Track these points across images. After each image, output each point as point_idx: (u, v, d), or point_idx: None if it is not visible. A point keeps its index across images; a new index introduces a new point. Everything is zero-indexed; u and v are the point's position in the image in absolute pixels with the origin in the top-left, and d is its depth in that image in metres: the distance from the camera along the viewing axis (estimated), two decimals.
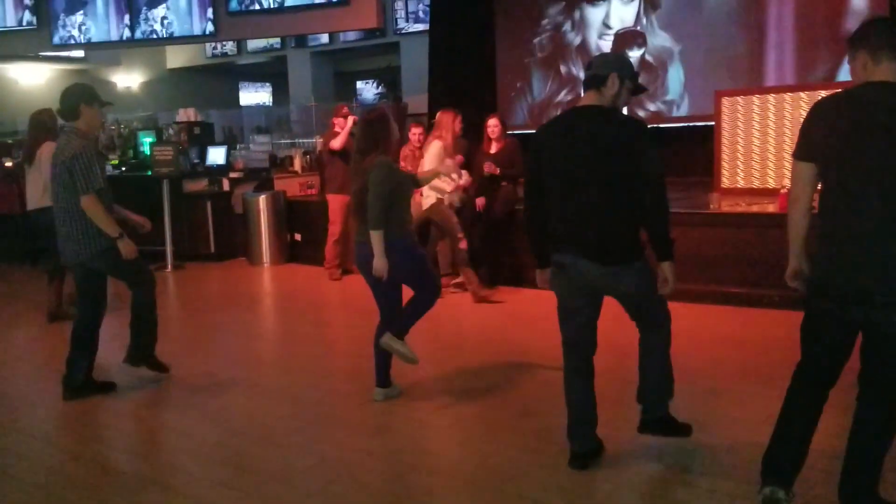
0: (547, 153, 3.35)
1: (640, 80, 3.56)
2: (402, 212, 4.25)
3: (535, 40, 11.21)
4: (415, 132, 8.16)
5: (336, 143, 7.96)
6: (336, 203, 8.05)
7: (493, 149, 7.48)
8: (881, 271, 2.67)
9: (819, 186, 2.84)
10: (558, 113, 3.86)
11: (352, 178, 4.40)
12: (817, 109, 2.82)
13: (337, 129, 8.08)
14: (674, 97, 9.91)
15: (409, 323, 4.34)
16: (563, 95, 10.91)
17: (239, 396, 4.62)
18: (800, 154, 2.83)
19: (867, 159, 2.66)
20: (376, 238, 4.10)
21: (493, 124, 7.45)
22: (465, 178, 6.66)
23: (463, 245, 6.87)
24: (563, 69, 10.97)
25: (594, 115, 3.30)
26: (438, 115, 7.11)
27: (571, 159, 3.26)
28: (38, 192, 6.37)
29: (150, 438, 4.26)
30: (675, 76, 9.84)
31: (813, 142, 2.78)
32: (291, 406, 4.44)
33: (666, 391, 3.55)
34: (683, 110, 9.78)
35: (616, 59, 3.47)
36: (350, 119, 8.09)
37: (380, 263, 4.13)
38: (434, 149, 6.74)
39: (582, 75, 3.64)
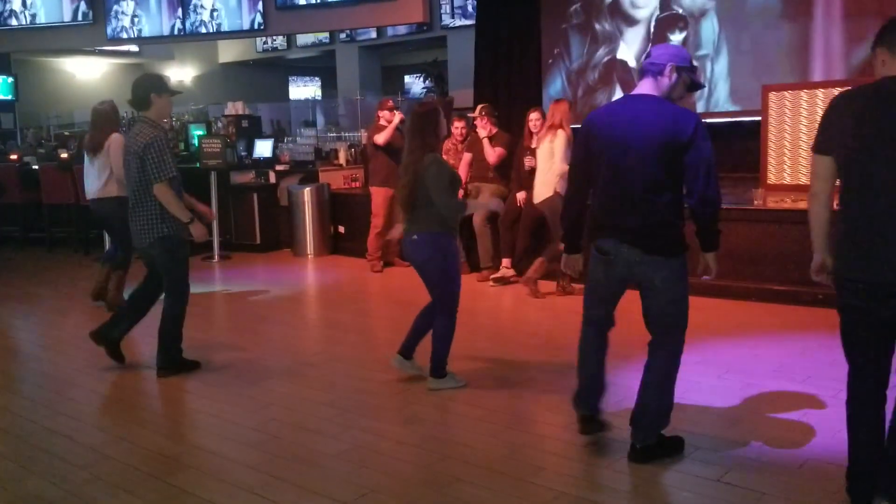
0: (597, 140, 3.37)
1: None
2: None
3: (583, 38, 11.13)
4: (457, 126, 8.20)
5: (380, 139, 8.03)
6: (379, 196, 8.12)
7: (535, 143, 7.47)
8: None
9: (838, 181, 2.82)
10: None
11: (402, 171, 4.45)
12: (837, 104, 2.81)
13: (382, 122, 8.15)
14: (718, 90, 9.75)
15: (442, 356, 4.43)
16: (612, 97, 10.81)
17: (277, 383, 4.70)
18: (819, 148, 2.83)
19: (892, 151, 2.64)
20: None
21: (534, 118, 7.43)
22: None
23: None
24: (614, 67, 10.88)
25: (647, 103, 3.30)
26: (552, 105, 7.04)
27: (623, 146, 3.26)
28: (99, 183, 6.56)
29: (188, 422, 4.37)
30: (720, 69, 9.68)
31: (832, 136, 2.78)
32: (328, 394, 4.51)
33: (662, 418, 3.45)
34: (728, 104, 9.61)
35: (676, 50, 3.43)
36: (397, 114, 8.15)
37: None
38: (561, 141, 6.72)
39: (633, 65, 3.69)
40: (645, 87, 3.35)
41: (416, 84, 20.61)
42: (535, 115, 7.49)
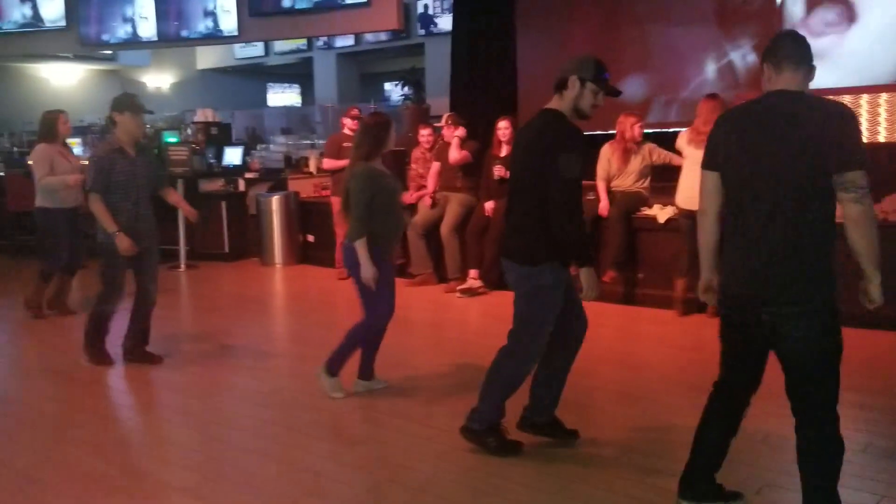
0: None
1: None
2: (379, 222, 4.20)
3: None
4: (423, 134, 8.08)
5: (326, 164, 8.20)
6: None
7: (504, 152, 7.34)
8: (775, 279, 2.64)
9: None
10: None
11: (345, 177, 4.40)
12: (724, 118, 2.87)
13: (346, 130, 8.03)
14: None
15: (343, 358, 4.45)
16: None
17: (224, 399, 4.55)
18: (706, 163, 2.86)
19: (759, 166, 2.66)
20: (360, 247, 4.07)
21: (503, 126, 7.32)
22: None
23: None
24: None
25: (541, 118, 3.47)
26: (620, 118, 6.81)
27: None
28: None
29: (123, 441, 4.19)
30: None
31: (717, 151, 2.80)
32: (275, 411, 4.36)
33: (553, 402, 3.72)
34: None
35: (577, 59, 3.47)
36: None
37: (367, 272, 4.09)
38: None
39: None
40: (553, 101, 3.48)
41: (395, 91, 20.58)
42: (504, 123, 7.38)
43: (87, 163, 6.15)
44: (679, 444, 3.60)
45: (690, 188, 6.03)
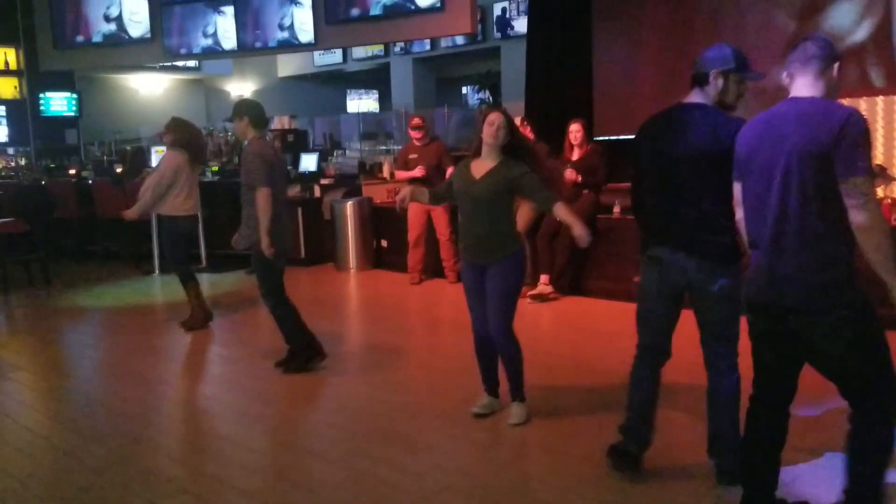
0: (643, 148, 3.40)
1: None
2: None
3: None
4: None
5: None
6: (412, 211, 8.09)
7: (575, 155, 7.28)
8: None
9: None
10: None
11: None
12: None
13: (414, 141, 8.17)
14: None
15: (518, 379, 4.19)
16: (663, 96, 10.49)
17: (289, 405, 4.63)
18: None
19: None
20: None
21: (574, 129, 7.25)
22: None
23: None
24: (665, 69, 10.56)
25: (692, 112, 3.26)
26: None
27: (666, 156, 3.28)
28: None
29: (192, 443, 4.30)
30: None
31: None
32: (338, 416, 4.41)
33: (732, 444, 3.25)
34: None
35: (716, 52, 3.27)
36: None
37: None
38: None
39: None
40: (694, 95, 3.30)
41: (472, 95, 20.60)
42: (576, 126, 7.31)
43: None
44: None
45: None
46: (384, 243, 9.41)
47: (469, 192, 3.99)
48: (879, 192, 6.61)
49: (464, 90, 21.86)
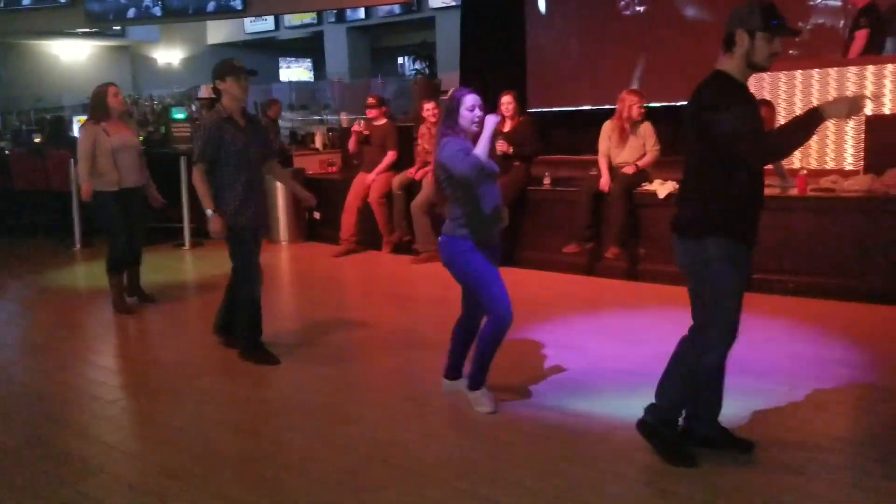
0: None
1: None
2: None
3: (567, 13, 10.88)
4: (427, 108, 8.01)
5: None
6: (360, 178, 8.33)
7: (507, 127, 7.27)
8: None
9: None
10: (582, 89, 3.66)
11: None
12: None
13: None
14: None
15: (481, 369, 3.93)
16: (596, 69, 10.57)
17: (214, 380, 4.56)
18: None
19: None
20: None
21: (506, 101, 7.24)
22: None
23: None
24: (597, 41, 10.63)
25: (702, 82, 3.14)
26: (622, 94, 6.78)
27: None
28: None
29: (108, 422, 4.21)
30: None
31: None
32: (265, 391, 4.37)
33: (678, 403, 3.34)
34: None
35: (740, 10, 3.08)
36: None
37: None
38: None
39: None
40: (720, 62, 3.13)
41: (409, 66, 20.47)
42: (507, 98, 7.29)
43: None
44: None
45: None
46: (317, 215, 9.30)
47: (491, 172, 3.81)
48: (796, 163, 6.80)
49: (400, 60, 21.68)
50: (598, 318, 5.80)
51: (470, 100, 3.73)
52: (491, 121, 3.69)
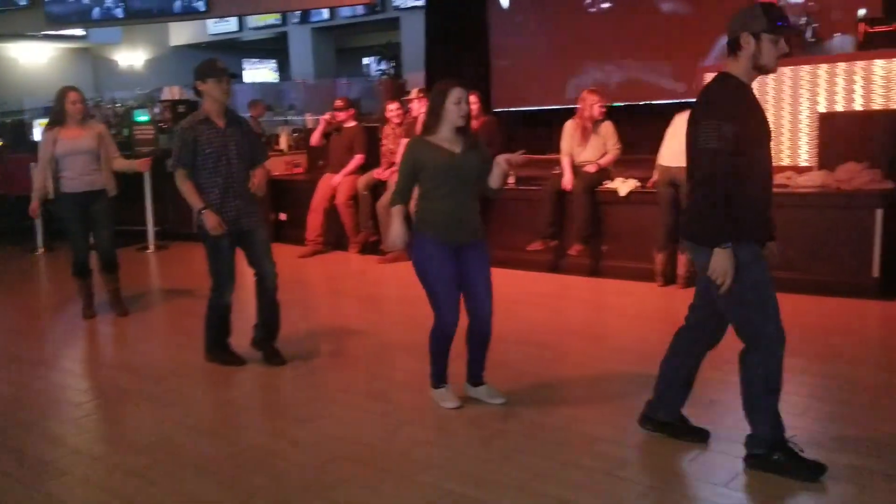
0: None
1: None
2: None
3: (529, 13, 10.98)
4: (391, 109, 8.05)
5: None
6: (325, 180, 8.34)
7: (471, 127, 7.32)
8: None
9: None
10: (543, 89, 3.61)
11: None
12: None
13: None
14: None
15: (432, 366, 3.97)
16: (559, 69, 10.68)
17: (180, 382, 4.56)
18: None
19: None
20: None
21: (471, 101, 7.26)
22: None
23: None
24: (560, 42, 10.74)
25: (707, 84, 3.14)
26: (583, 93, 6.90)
27: None
28: None
29: (73, 425, 4.20)
30: None
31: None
32: (229, 392, 4.39)
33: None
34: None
35: (744, 13, 3.06)
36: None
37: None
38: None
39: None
40: (727, 66, 3.11)
41: (374, 66, 20.48)
42: (472, 98, 7.27)
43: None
44: (625, 412, 3.67)
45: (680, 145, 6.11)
46: (283, 216, 9.29)
47: (457, 168, 3.72)
48: None
49: (365, 60, 21.67)
50: (562, 314, 5.89)
51: (457, 93, 3.70)
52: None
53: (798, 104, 6.69)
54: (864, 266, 5.61)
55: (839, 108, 6.58)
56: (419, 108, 7.57)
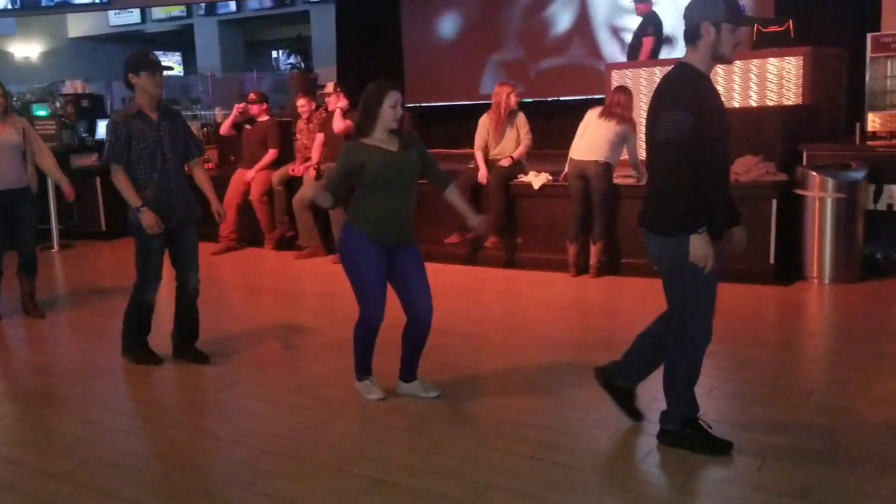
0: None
1: None
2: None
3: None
4: (301, 104, 8.04)
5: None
6: (237, 176, 8.25)
7: None
8: None
9: None
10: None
11: None
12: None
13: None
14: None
15: (356, 359, 3.98)
16: (472, 64, 10.83)
17: (99, 382, 4.47)
18: None
19: None
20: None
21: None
22: None
23: None
24: (473, 37, 10.88)
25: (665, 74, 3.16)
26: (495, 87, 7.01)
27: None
28: None
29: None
30: None
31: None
32: (150, 392, 4.33)
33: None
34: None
35: (703, 2, 3.07)
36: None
37: None
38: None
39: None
40: (687, 55, 3.13)
41: (284, 60, 20.22)
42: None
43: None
44: (545, 398, 3.81)
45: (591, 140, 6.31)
46: None
47: (398, 169, 3.75)
48: None
49: (275, 54, 21.37)
50: (480, 305, 6.02)
51: (393, 96, 3.70)
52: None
53: None
54: (762, 254, 5.93)
55: (736, 104, 6.93)
56: (335, 102, 7.56)
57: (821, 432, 3.43)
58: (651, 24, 8.14)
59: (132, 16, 18.17)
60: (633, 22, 8.90)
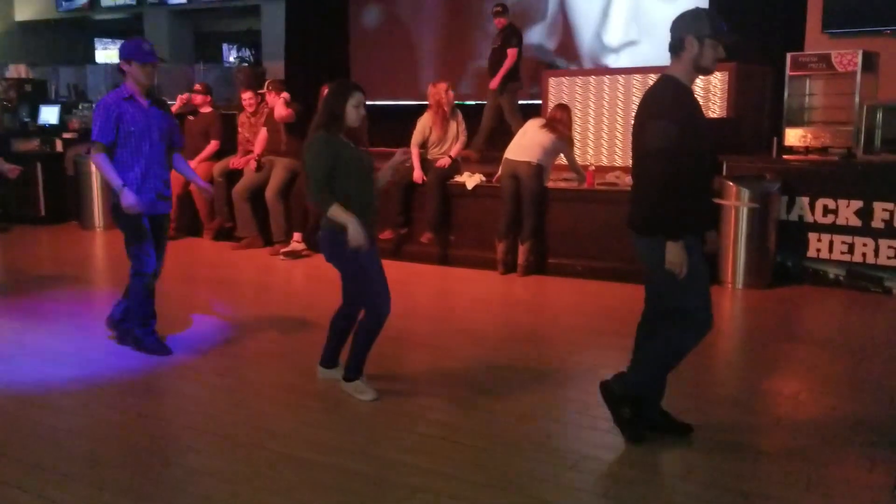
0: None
1: None
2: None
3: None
4: (245, 98, 8.14)
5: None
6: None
7: None
8: None
9: None
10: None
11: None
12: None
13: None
14: None
15: (356, 360, 3.98)
16: (410, 64, 10.99)
17: (26, 361, 4.55)
18: None
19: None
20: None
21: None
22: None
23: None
24: (412, 38, 11.05)
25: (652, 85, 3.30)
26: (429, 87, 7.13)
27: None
28: None
29: None
30: None
31: None
32: (78, 370, 4.42)
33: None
34: None
35: (689, 17, 3.23)
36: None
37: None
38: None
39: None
40: (670, 67, 3.26)
41: (232, 52, 20.14)
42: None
43: None
44: (459, 384, 4.01)
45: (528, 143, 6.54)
46: None
47: (366, 162, 3.84)
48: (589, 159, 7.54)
49: (225, 47, 21.24)
50: (409, 298, 6.20)
51: (357, 97, 3.73)
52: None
53: (630, 110, 7.31)
54: None
55: None
56: (273, 100, 7.69)
57: (730, 426, 3.65)
58: (514, 35, 8.42)
59: (80, 2, 17.91)
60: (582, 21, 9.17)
